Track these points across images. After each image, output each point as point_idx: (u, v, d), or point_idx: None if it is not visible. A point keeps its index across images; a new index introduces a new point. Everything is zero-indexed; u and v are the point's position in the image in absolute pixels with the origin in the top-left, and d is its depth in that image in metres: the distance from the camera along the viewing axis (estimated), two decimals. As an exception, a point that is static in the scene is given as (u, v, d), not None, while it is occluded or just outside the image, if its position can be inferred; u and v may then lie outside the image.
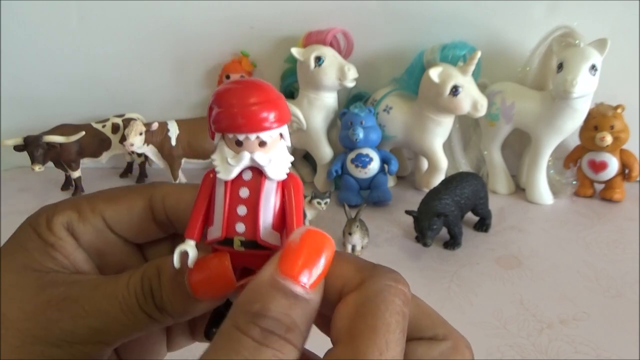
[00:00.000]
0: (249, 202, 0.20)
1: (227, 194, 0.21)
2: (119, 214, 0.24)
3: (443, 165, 0.82)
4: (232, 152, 0.20)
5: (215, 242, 0.21)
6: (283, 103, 0.21)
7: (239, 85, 0.20)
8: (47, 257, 0.22)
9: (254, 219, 0.20)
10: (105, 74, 0.96)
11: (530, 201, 0.82)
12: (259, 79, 0.21)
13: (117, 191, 0.25)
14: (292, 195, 0.21)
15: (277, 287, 0.18)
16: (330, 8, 0.86)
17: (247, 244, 0.20)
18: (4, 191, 0.93)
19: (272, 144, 0.21)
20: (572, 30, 0.74)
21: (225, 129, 0.20)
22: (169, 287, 0.21)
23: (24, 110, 0.99)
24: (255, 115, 0.19)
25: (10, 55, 0.96)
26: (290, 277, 0.18)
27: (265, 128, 0.20)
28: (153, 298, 0.21)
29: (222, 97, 0.20)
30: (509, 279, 0.60)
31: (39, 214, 0.24)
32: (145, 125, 0.82)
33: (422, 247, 0.65)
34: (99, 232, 0.24)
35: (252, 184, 0.21)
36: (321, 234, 0.19)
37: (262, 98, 0.20)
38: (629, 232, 0.70)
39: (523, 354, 0.47)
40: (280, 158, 0.21)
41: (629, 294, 0.56)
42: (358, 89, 0.88)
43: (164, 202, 0.24)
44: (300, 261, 0.18)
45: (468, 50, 0.76)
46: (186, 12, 0.90)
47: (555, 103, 0.76)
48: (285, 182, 0.21)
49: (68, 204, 0.24)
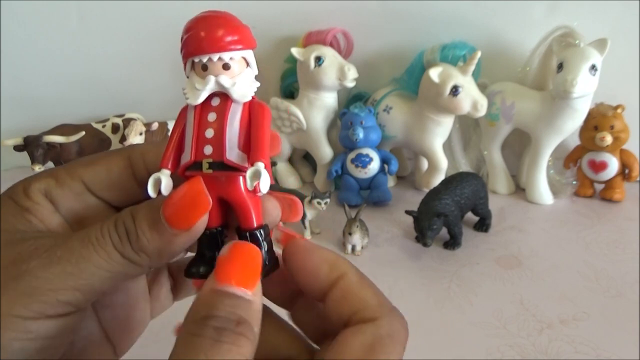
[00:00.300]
0: (216, 124, 0.21)
1: (196, 119, 0.22)
2: (98, 175, 0.24)
3: (443, 165, 0.82)
4: (199, 77, 0.22)
5: (186, 168, 0.22)
6: (247, 30, 0.22)
7: (206, 14, 0.22)
8: (22, 219, 0.22)
9: (220, 140, 0.21)
10: (105, 73, 0.96)
11: (530, 201, 0.82)
12: (226, 12, 0.22)
13: (95, 155, 0.25)
14: (259, 119, 0.22)
15: (219, 292, 0.19)
16: (330, 8, 0.86)
17: (215, 165, 0.21)
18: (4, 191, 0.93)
19: (236, 68, 0.22)
20: (572, 30, 0.74)
21: (190, 53, 0.22)
22: (145, 224, 0.21)
23: (24, 110, 0.99)
24: (216, 37, 0.21)
25: (10, 55, 0.96)
26: (229, 282, 0.20)
27: (225, 48, 0.21)
28: (129, 238, 0.21)
29: (189, 24, 0.22)
30: (509, 279, 0.60)
31: (15, 185, 0.24)
32: (145, 125, 0.82)
33: (422, 247, 0.65)
34: (79, 196, 0.24)
35: (220, 108, 0.22)
36: (247, 244, 0.21)
37: (222, 22, 0.21)
38: (629, 232, 0.70)
39: (523, 354, 0.47)
40: (245, 81, 0.22)
41: (629, 294, 0.56)
42: (358, 89, 0.88)
43: (143, 159, 0.25)
44: (233, 268, 0.20)
45: (468, 50, 0.76)
46: (186, 12, 0.88)
47: (555, 103, 0.76)
48: (252, 106, 0.22)
49: (45, 172, 0.24)
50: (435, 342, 0.49)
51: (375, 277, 0.22)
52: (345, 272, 0.22)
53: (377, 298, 0.21)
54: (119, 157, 0.25)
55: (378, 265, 0.63)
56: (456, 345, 0.49)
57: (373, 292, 0.21)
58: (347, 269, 0.22)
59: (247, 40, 0.22)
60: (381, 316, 0.21)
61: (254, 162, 0.21)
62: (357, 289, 0.21)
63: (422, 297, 0.56)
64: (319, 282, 0.22)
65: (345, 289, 0.21)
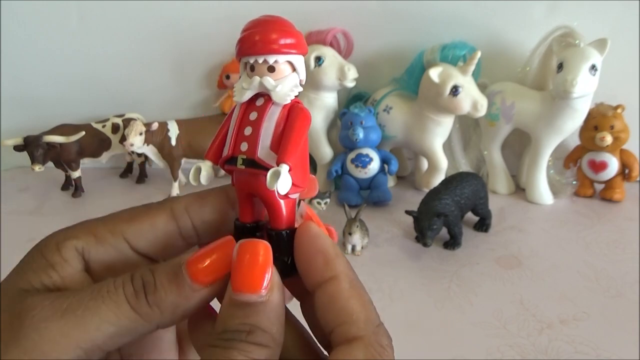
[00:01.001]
0: (255, 123, 0.22)
1: (239, 116, 0.23)
2: (142, 231, 0.23)
3: (443, 165, 0.82)
4: (247, 77, 0.23)
5: (225, 160, 0.23)
6: (297, 36, 0.23)
7: (261, 17, 0.23)
8: (42, 275, 0.21)
9: (255, 138, 0.22)
10: (105, 73, 0.96)
11: (530, 201, 0.82)
12: (283, 17, 0.23)
13: (135, 209, 0.24)
14: (292, 121, 0.22)
15: (233, 304, 0.20)
16: (330, 8, 0.86)
17: (248, 162, 0.22)
18: (4, 191, 0.93)
19: (281, 71, 0.22)
20: (572, 30, 0.74)
21: (241, 53, 0.22)
22: (164, 277, 0.21)
23: (24, 110, 0.99)
24: (264, 40, 0.22)
25: (10, 55, 0.96)
26: (241, 290, 0.20)
27: (271, 50, 0.22)
28: (145, 290, 0.20)
29: (246, 25, 0.23)
30: (509, 279, 0.60)
31: (50, 237, 0.23)
32: (145, 125, 0.82)
33: (422, 247, 0.65)
34: (120, 253, 0.23)
35: (261, 108, 0.22)
36: (252, 241, 0.21)
37: (276, 28, 0.22)
38: (629, 232, 0.70)
39: (523, 354, 0.47)
40: (288, 85, 0.22)
41: (629, 294, 0.56)
42: (358, 89, 0.88)
43: (187, 212, 0.24)
44: (242, 273, 0.20)
45: (468, 50, 0.76)
46: (186, 12, 0.90)
47: (555, 103, 0.76)
48: (292, 109, 0.22)
49: (83, 227, 0.23)
50: (435, 342, 0.49)
51: (375, 277, 0.22)
52: (337, 275, 0.21)
53: (365, 312, 0.20)
54: (162, 211, 0.24)
55: (378, 265, 0.63)
56: (456, 345, 0.49)
57: (361, 305, 0.21)
58: (341, 270, 0.21)
59: (295, 45, 0.22)
60: (366, 335, 0.20)
61: (279, 163, 0.21)
62: (345, 298, 0.21)
63: (422, 297, 0.56)
64: (311, 273, 0.22)
65: (333, 294, 0.21)
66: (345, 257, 0.22)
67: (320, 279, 0.21)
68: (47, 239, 0.23)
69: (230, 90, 0.91)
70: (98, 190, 0.92)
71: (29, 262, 0.22)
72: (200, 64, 0.94)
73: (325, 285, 0.21)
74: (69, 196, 0.89)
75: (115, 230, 0.23)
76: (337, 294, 0.21)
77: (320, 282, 0.21)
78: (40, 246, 0.22)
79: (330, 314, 0.21)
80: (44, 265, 0.21)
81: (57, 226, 0.24)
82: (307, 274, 0.22)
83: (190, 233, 0.24)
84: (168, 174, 0.88)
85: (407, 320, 0.51)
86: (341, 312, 0.20)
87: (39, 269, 0.21)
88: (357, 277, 0.22)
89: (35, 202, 0.87)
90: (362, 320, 0.20)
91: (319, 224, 0.23)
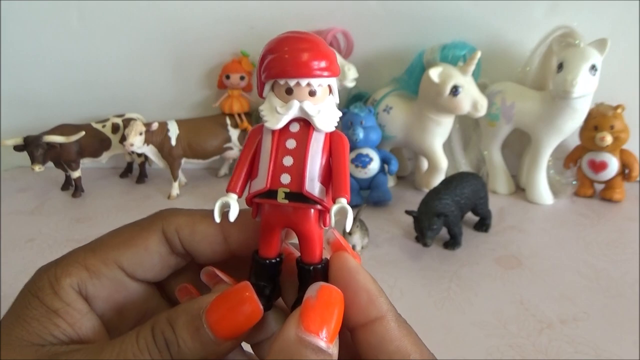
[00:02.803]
0: (295, 152, 0.20)
1: (274, 144, 0.20)
2: (137, 258, 0.22)
3: (443, 165, 0.82)
4: (281, 101, 0.20)
5: (258, 194, 0.20)
6: (333, 56, 0.21)
7: (292, 34, 0.20)
8: (49, 324, 0.20)
9: (300, 169, 0.20)
10: (105, 73, 0.97)
11: (530, 201, 0.82)
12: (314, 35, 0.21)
13: (124, 232, 0.23)
14: (340, 151, 0.20)
15: (304, 344, 0.18)
16: (330, 8, 0.86)
17: (292, 196, 0.20)
18: (4, 191, 0.93)
19: (321, 95, 0.21)
20: (572, 30, 0.74)
21: (277, 74, 0.20)
22: (186, 333, 0.20)
23: (24, 110, 0.99)
24: (307, 61, 0.20)
25: (10, 55, 0.96)
26: (313, 332, 0.18)
27: (316, 75, 0.20)
28: (169, 350, 0.19)
29: (276, 44, 0.20)
30: (509, 279, 0.60)
31: (39, 278, 0.21)
32: (145, 125, 0.82)
33: (422, 247, 0.65)
34: (117, 285, 0.22)
35: (300, 135, 0.20)
36: (335, 289, 0.19)
37: (313, 47, 0.20)
38: (629, 232, 0.70)
39: (523, 354, 0.47)
40: (329, 110, 0.21)
41: (629, 294, 0.56)
42: (358, 89, 0.88)
43: (178, 235, 0.23)
44: (320, 317, 0.19)
45: (468, 50, 0.76)
46: (186, 12, 0.90)
47: (555, 103, 0.76)
48: (333, 137, 0.21)
49: (73, 261, 0.22)
50: (435, 342, 0.49)
51: (375, 277, 0.22)
52: (384, 315, 0.20)
53: (420, 351, 0.20)
54: (154, 233, 0.23)
55: (378, 265, 0.63)
56: (456, 345, 0.49)
57: (414, 343, 0.20)
58: (387, 309, 0.20)
59: (334, 68, 0.21)
60: None
61: (336, 198, 0.19)
62: (398, 338, 0.20)
63: (422, 297, 0.56)
64: (353, 312, 0.20)
65: (384, 336, 0.20)
66: (384, 292, 0.21)
67: (364, 318, 0.20)
68: (38, 279, 0.21)
69: (230, 90, 0.91)
70: (98, 190, 0.92)
71: (27, 310, 0.20)
72: (200, 64, 0.94)
73: (373, 325, 0.20)
74: (69, 196, 0.89)
75: (108, 260, 0.22)
76: (388, 336, 0.20)
77: (364, 321, 0.20)
78: (33, 289, 0.21)
79: (383, 355, 0.20)
80: (47, 313, 0.20)
81: (57, 226, 0.23)
82: (348, 311, 0.20)
83: (182, 253, 0.23)
84: (168, 174, 0.88)
85: (407, 320, 0.51)
86: (396, 354, 0.20)
87: (42, 318, 0.20)
88: (398, 312, 0.21)
89: (35, 202, 0.87)
90: (419, 359, 0.20)
91: (351, 252, 0.22)
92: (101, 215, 0.81)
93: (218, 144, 0.90)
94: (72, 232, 0.74)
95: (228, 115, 0.92)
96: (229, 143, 0.91)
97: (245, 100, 0.92)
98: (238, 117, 0.91)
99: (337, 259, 0.21)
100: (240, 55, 0.91)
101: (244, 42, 0.90)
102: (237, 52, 0.91)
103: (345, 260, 0.21)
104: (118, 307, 0.22)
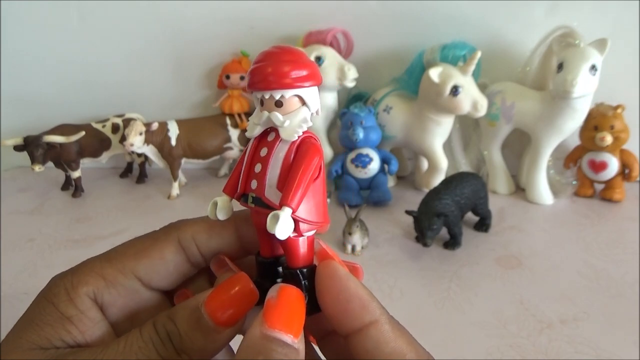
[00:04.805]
0: (264, 160, 0.21)
1: (252, 151, 0.22)
2: (154, 268, 0.23)
3: (443, 165, 0.82)
4: (258, 112, 0.22)
5: (239, 197, 0.22)
6: (309, 67, 0.21)
7: (271, 48, 0.21)
8: (61, 330, 0.21)
9: (263, 176, 0.21)
10: (105, 74, 0.97)
11: (530, 201, 0.82)
12: (294, 48, 0.22)
13: (140, 242, 0.24)
14: (299, 159, 0.21)
15: (271, 339, 0.19)
16: (330, 8, 0.86)
17: (256, 200, 0.21)
18: (4, 191, 0.93)
19: (289, 106, 0.21)
20: (572, 30, 0.74)
21: (249, 87, 0.22)
22: (186, 325, 0.21)
23: (24, 110, 0.99)
24: (270, 74, 0.20)
25: (10, 55, 0.96)
26: (277, 329, 0.19)
27: (276, 85, 0.20)
28: (171, 342, 0.20)
29: (256, 58, 0.21)
30: (509, 279, 0.60)
31: (55, 285, 0.22)
32: (145, 125, 0.82)
33: (422, 247, 0.65)
34: (134, 293, 0.23)
35: (271, 144, 0.21)
36: (294, 289, 0.20)
37: (283, 60, 0.21)
38: (629, 232, 0.70)
39: (523, 354, 0.47)
40: (296, 120, 0.21)
41: (629, 294, 0.56)
42: (358, 89, 0.88)
43: (195, 241, 0.24)
44: (281, 314, 0.19)
45: (468, 50, 0.76)
46: (186, 12, 0.90)
47: (555, 103, 0.76)
48: (300, 146, 0.21)
49: (90, 270, 0.22)
50: (435, 342, 0.49)
51: (375, 277, 0.22)
52: (377, 319, 0.21)
53: (415, 349, 0.20)
54: (170, 243, 0.24)
55: (378, 265, 0.63)
56: (456, 345, 0.49)
57: (408, 343, 0.21)
58: (380, 313, 0.21)
59: (303, 78, 0.21)
60: None
61: (281, 205, 0.20)
62: (392, 340, 0.20)
63: (422, 297, 0.56)
64: (347, 319, 0.21)
65: (379, 339, 0.20)
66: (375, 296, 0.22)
67: (358, 324, 0.21)
68: (54, 286, 0.22)
69: (230, 90, 0.91)
70: (98, 190, 0.92)
71: (41, 315, 0.21)
72: (200, 64, 0.94)
73: (367, 330, 0.21)
74: (69, 196, 0.89)
75: (125, 270, 0.23)
76: (383, 338, 0.20)
77: (358, 327, 0.21)
78: (49, 296, 0.21)
79: (380, 358, 0.20)
80: (60, 319, 0.21)
81: (57, 226, 0.24)
82: (342, 318, 0.21)
83: (198, 260, 0.24)
84: (168, 174, 0.88)
85: (407, 320, 0.51)
86: (392, 355, 0.20)
87: (55, 323, 0.21)
88: (390, 314, 0.22)
89: (35, 202, 0.87)
90: (414, 357, 0.20)
91: (338, 260, 0.22)
92: (101, 215, 0.81)
93: (218, 144, 0.90)
94: (72, 232, 0.74)
95: (228, 115, 0.92)
96: (229, 143, 0.91)
97: (245, 100, 0.92)
98: (238, 117, 0.91)
99: (326, 268, 0.22)
100: (240, 55, 0.91)
101: (244, 42, 0.90)
102: (237, 52, 0.91)
103: (334, 269, 0.21)
104: (131, 315, 0.23)
